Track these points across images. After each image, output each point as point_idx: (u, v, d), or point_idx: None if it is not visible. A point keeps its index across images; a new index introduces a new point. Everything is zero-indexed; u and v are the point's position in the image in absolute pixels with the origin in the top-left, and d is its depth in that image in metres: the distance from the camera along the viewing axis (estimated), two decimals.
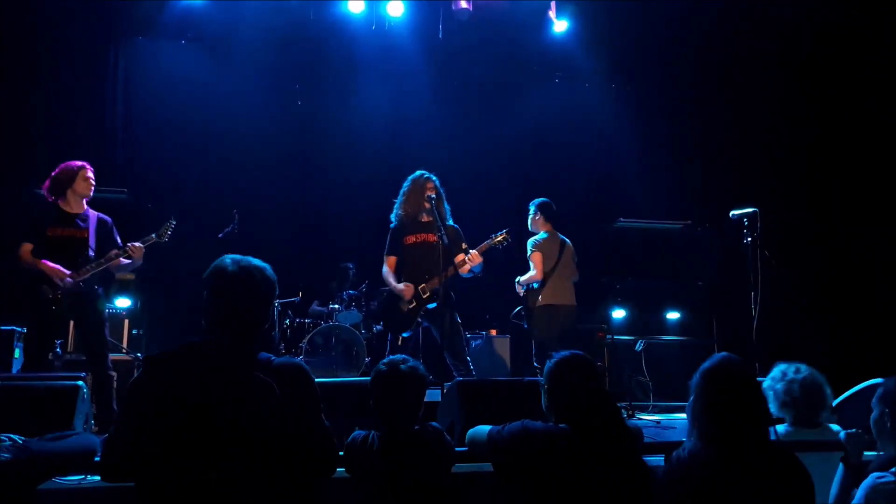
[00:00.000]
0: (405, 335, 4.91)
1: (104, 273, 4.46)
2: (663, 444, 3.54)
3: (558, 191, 8.01)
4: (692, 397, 2.21)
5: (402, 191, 5.04)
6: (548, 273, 5.36)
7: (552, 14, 7.56)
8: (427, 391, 2.49)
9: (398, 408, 2.39)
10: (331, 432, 2.05)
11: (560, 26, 7.63)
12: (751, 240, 4.94)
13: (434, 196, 4.83)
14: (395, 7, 7.43)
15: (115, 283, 4.70)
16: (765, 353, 4.78)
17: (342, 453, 2.33)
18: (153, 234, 4.53)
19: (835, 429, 2.78)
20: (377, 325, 6.66)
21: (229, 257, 2.05)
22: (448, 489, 2.41)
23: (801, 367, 2.83)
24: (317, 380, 2.07)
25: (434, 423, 2.51)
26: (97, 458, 2.12)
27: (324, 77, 7.92)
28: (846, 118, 7.21)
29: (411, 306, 4.85)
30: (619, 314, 6.78)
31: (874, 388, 2.49)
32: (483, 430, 2.45)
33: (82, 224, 4.46)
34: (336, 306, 6.75)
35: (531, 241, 5.45)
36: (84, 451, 2.21)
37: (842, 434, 2.52)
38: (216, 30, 7.41)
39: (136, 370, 5.21)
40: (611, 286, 6.81)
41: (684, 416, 2.31)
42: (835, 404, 3.07)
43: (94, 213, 4.56)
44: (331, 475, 2.11)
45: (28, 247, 4.33)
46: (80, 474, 2.56)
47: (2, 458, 1.92)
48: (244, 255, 2.08)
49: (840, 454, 2.48)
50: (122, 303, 6.08)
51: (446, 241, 4.65)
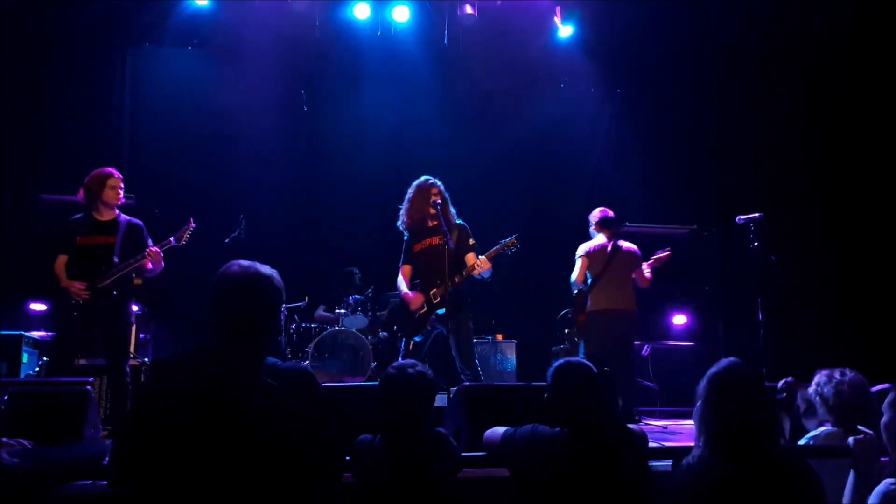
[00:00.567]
0: (416, 339, 4.94)
1: (126, 278, 4.50)
2: (670, 448, 3.53)
3: (564, 196, 8.05)
4: (699, 402, 2.20)
5: (406, 197, 5.03)
6: (595, 277, 5.41)
7: (557, 19, 7.56)
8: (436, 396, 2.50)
9: (406, 412, 2.39)
10: (337, 437, 2.05)
11: (565, 31, 7.61)
12: (757, 244, 4.93)
13: (439, 201, 4.82)
14: (400, 13, 7.47)
15: (134, 288, 4.74)
16: (771, 358, 4.78)
17: (348, 458, 2.34)
18: (171, 238, 4.56)
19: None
20: (383, 332, 6.68)
21: (237, 264, 2.05)
22: (454, 495, 2.41)
23: (846, 370, 2.79)
24: (323, 384, 2.07)
25: (440, 429, 2.51)
26: (105, 463, 2.12)
27: (329, 82, 7.96)
28: (855, 122, 7.18)
29: (422, 311, 4.87)
30: None
31: (884, 392, 2.48)
32: (498, 431, 2.51)
33: (110, 231, 4.52)
34: (342, 311, 6.75)
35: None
36: (92, 457, 2.22)
37: (850, 440, 2.50)
38: (223, 36, 7.44)
39: (143, 375, 5.23)
40: None
41: (691, 421, 2.30)
42: None
43: (125, 219, 4.61)
44: (337, 480, 2.12)
45: (63, 259, 4.46)
46: (88, 479, 2.56)
47: (11, 463, 1.93)
48: (252, 261, 2.08)
49: None
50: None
51: (452, 245, 4.65)
